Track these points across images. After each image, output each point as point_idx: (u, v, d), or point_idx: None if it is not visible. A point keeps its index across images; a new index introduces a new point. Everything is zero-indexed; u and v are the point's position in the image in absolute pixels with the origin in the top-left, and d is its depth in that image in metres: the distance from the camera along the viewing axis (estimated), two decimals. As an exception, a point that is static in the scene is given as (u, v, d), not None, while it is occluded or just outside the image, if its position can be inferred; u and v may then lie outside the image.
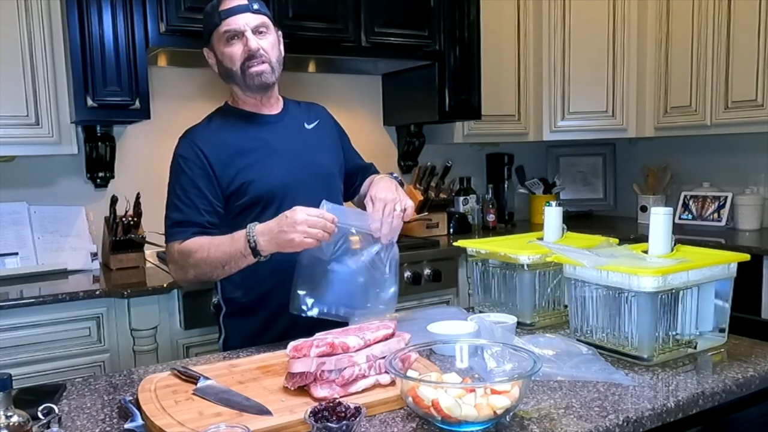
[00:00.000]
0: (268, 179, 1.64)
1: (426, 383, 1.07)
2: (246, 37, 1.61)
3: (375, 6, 2.77)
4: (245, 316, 1.71)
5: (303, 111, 1.82)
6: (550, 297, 1.65)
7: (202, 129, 1.69)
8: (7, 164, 2.62)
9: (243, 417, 1.09)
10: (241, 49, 1.62)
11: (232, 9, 1.61)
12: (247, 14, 1.62)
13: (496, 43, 3.33)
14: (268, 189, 1.64)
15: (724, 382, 1.24)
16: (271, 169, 1.65)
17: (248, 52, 1.61)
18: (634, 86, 3.43)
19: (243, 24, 1.61)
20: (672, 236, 1.45)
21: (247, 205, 1.64)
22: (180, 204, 1.63)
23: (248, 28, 1.61)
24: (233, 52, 1.63)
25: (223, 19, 1.61)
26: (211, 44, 1.68)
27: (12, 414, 0.93)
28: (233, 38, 1.62)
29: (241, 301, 1.70)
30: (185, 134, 1.69)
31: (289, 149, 1.70)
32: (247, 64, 1.62)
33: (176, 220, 1.63)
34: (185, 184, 1.63)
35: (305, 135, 1.76)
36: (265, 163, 1.65)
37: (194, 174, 1.62)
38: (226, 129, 1.67)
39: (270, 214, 1.61)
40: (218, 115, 1.73)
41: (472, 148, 3.70)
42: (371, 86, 3.39)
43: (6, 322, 2.14)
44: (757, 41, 2.90)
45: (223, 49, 1.64)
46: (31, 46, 2.38)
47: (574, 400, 1.17)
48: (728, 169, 3.41)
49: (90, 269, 2.58)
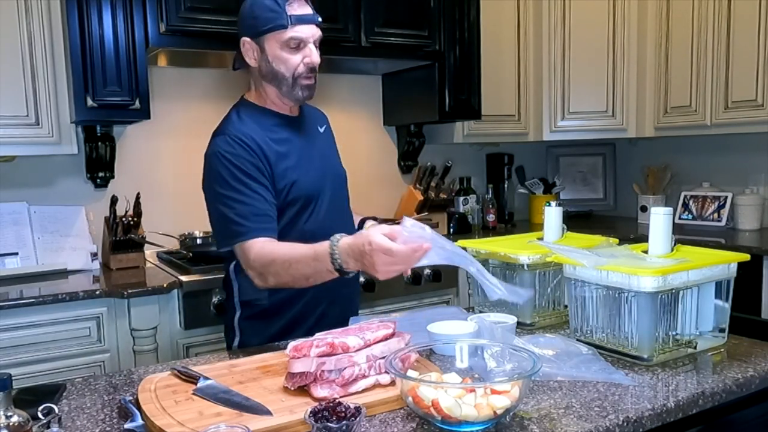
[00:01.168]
0: (307, 181, 1.64)
1: (426, 383, 1.07)
2: (309, 49, 1.59)
3: (375, 6, 2.77)
4: (265, 319, 1.68)
5: (314, 115, 1.82)
6: (550, 297, 1.65)
7: (240, 126, 1.61)
8: (7, 164, 2.62)
9: (243, 417, 1.09)
10: (300, 59, 1.59)
11: (303, 17, 1.57)
12: (314, 26, 1.60)
13: (496, 43, 3.33)
14: (308, 190, 1.64)
15: (724, 382, 1.24)
16: (307, 170, 1.65)
17: (309, 65, 1.60)
18: (634, 86, 3.43)
19: (309, 35, 1.58)
20: (672, 236, 1.45)
21: (287, 204, 1.62)
22: (244, 197, 1.53)
23: (312, 40, 1.59)
24: (291, 59, 1.59)
25: (293, 25, 1.56)
26: (260, 40, 1.60)
27: (12, 414, 0.93)
28: (296, 46, 1.58)
29: (262, 304, 1.67)
30: (223, 131, 1.61)
31: (315, 152, 1.71)
32: (303, 75, 1.60)
33: (242, 214, 1.53)
34: (241, 176, 1.54)
35: (321, 138, 1.78)
36: (302, 164, 1.65)
37: (248, 167, 1.55)
38: (262, 128, 1.62)
39: (306, 215, 1.63)
40: (246, 113, 1.66)
41: (472, 148, 3.70)
42: (371, 86, 3.39)
43: (6, 322, 2.14)
44: (757, 41, 2.90)
45: (281, 53, 1.59)
46: (31, 46, 2.38)
47: (574, 400, 1.17)
48: (728, 169, 3.41)
49: (90, 269, 2.58)
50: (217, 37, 2.46)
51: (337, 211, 1.72)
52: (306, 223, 1.64)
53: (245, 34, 1.63)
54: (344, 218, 1.77)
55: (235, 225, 1.53)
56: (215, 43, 2.49)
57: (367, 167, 3.40)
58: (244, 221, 1.53)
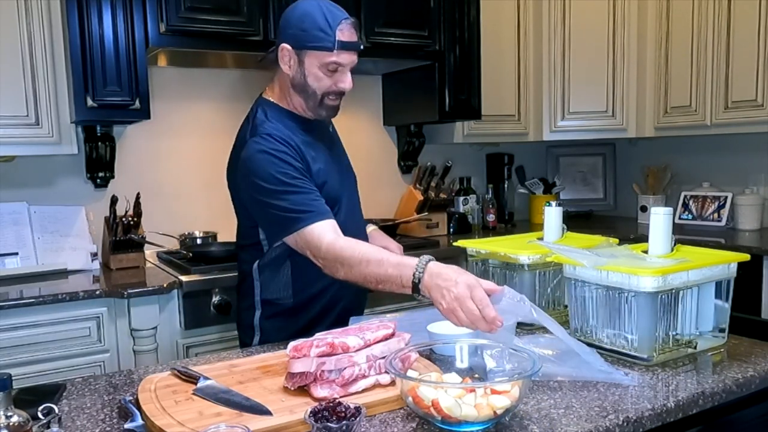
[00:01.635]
0: (333, 183, 1.66)
1: (426, 383, 1.07)
2: (345, 74, 1.60)
3: (375, 6, 2.77)
4: (287, 318, 1.69)
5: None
6: (550, 297, 1.65)
7: (277, 126, 1.61)
8: (7, 164, 2.62)
9: (243, 417, 1.09)
10: (333, 81, 1.60)
11: (349, 44, 1.57)
12: (355, 53, 1.61)
13: (496, 43, 3.33)
14: (336, 192, 1.66)
15: (724, 382, 1.24)
16: (333, 173, 1.67)
17: (339, 89, 1.62)
18: (634, 86, 3.43)
19: (349, 61, 1.60)
20: (672, 236, 1.45)
21: None
22: (297, 189, 1.52)
23: (350, 66, 1.61)
24: (326, 80, 1.60)
25: (338, 51, 1.56)
26: (302, 53, 1.59)
27: (12, 414, 0.93)
28: (332, 69, 1.59)
29: (284, 303, 1.68)
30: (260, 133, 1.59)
31: (334, 154, 1.73)
32: (331, 97, 1.62)
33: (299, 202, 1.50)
34: (289, 170, 1.53)
35: (335, 140, 1.80)
36: (328, 166, 1.67)
37: (294, 164, 1.55)
38: (292, 130, 1.63)
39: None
40: (274, 115, 1.65)
41: (472, 148, 3.70)
42: (371, 86, 3.39)
43: (6, 322, 2.14)
44: (757, 41, 2.90)
45: (318, 72, 1.59)
46: (31, 46, 2.38)
47: (574, 400, 1.17)
48: (728, 169, 3.41)
49: (90, 269, 2.58)
50: (217, 37, 2.47)
51: (353, 213, 1.74)
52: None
53: (287, 41, 1.60)
54: (359, 221, 1.79)
55: (294, 213, 1.51)
56: (215, 43, 2.49)
57: (367, 167, 3.39)
58: (302, 207, 1.51)
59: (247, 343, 1.75)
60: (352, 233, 1.56)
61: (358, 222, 1.76)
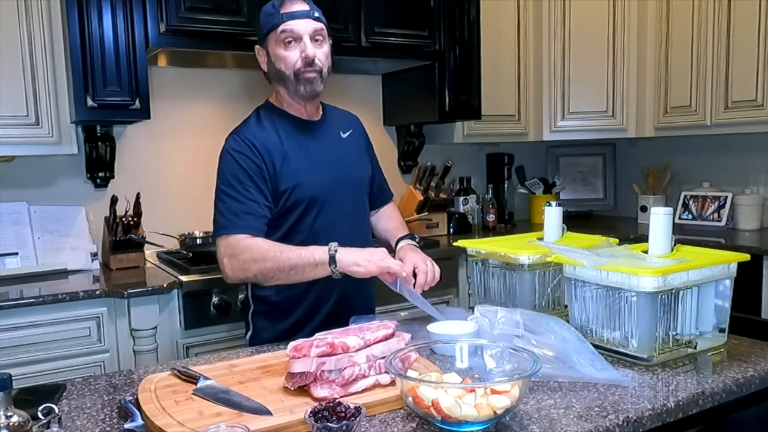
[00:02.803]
0: (312, 184, 1.66)
1: (426, 383, 1.07)
2: (304, 43, 1.61)
3: (375, 6, 2.77)
4: (277, 315, 1.72)
5: (340, 119, 1.84)
6: (550, 297, 1.65)
7: (254, 127, 1.68)
8: (7, 164, 2.61)
9: (243, 417, 1.09)
10: (298, 55, 1.62)
11: (294, 13, 1.60)
12: (308, 20, 1.62)
13: (496, 43, 3.33)
14: (312, 194, 1.66)
15: (724, 382, 1.24)
16: (314, 174, 1.67)
17: (305, 59, 1.61)
18: (634, 86, 3.43)
19: (303, 29, 1.61)
20: (672, 236, 1.45)
21: (290, 208, 1.65)
22: (238, 195, 1.60)
23: (307, 34, 1.61)
24: (289, 56, 1.62)
25: (284, 22, 1.60)
26: (265, 44, 1.67)
27: (12, 414, 0.93)
28: (291, 42, 1.61)
29: (273, 299, 1.71)
30: (237, 131, 1.68)
31: (328, 157, 1.73)
32: (302, 70, 1.62)
33: (235, 211, 1.59)
34: (241, 176, 1.61)
35: (341, 144, 1.79)
36: (310, 167, 1.67)
37: (251, 169, 1.61)
38: (275, 130, 1.67)
39: (309, 219, 1.66)
40: (265, 115, 1.71)
41: (472, 148, 3.70)
42: (371, 86, 3.39)
43: (6, 322, 2.14)
44: (757, 41, 2.90)
45: (279, 51, 1.63)
46: (31, 46, 2.38)
47: (574, 400, 1.17)
48: (728, 169, 3.41)
49: (90, 269, 2.58)
50: (217, 37, 2.47)
51: (350, 216, 1.74)
52: (314, 225, 1.67)
53: (258, 43, 1.70)
54: (357, 224, 1.78)
55: (222, 219, 1.60)
56: (215, 43, 2.49)
57: (367, 167, 3.39)
58: (230, 216, 1.59)
59: (244, 337, 1.82)
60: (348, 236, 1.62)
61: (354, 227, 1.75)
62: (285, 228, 1.66)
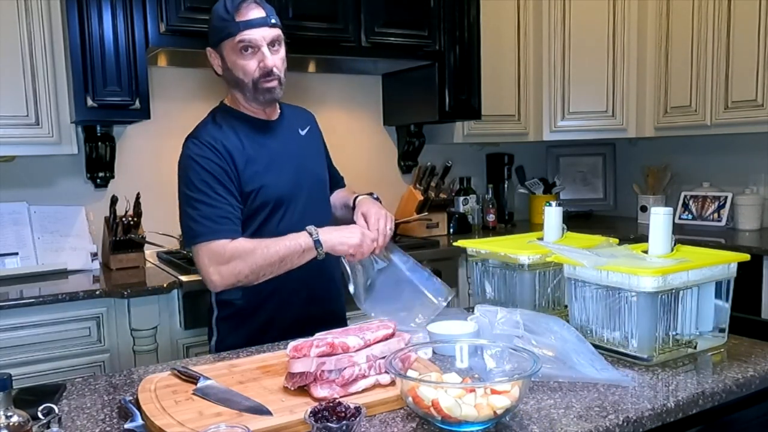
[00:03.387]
0: (278, 184, 1.65)
1: (426, 383, 1.07)
2: (263, 53, 1.59)
3: (375, 6, 2.77)
4: (242, 319, 1.70)
5: (296, 116, 1.82)
6: (550, 297, 1.65)
7: (214, 131, 1.64)
8: (7, 164, 2.62)
9: (243, 417, 1.09)
10: (256, 64, 1.59)
11: (251, 21, 1.57)
12: (265, 28, 1.59)
13: (496, 43, 3.33)
14: (278, 194, 1.65)
15: (724, 382, 1.24)
16: (278, 174, 1.66)
17: (264, 69, 1.59)
18: (634, 86, 3.43)
19: (260, 38, 1.58)
20: (672, 236, 1.45)
21: (256, 209, 1.64)
22: (210, 200, 1.57)
23: (265, 43, 1.59)
24: (247, 65, 1.60)
25: (242, 30, 1.57)
26: (219, 48, 1.63)
27: (12, 414, 0.93)
28: (248, 50, 1.59)
29: (238, 303, 1.69)
30: (195, 135, 1.64)
31: (290, 155, 1.71)
32: (261, 80, 1.60)
33: (211, 216, 1.56)
34: (209, 180, 1.57)
35: (301, 141, 1.77)
36: (273, 168, 1.66)
37: (217, 173, 1.58)
38: (235, 132, 1.65)
39: (275, 220, 1.65)
40: (222, 117, 1.68)
41: (472, 148, 3.70)
42: (371, 86, 3.39)
43: (6, 322, 2.14)
44: (757, 41, 2.90)
45: (237, 60, 1.60)
46: (31, 46, 2.38)
47: (574, 400, 1.17)
48: (728, 169, 3.41)
49: (90, 269, 2.58)
50: (217, 37, 2.46)
51: (313, 214, 1.72)
52: (279, 226, 1.65)
53: (209, 44, 1.67)
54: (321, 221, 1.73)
55: (198, 225, 1.56)
56: (215, 43, 2.48)
57: (367, 167, 3.40)
58: (207, 222, 1.56)
59: (209, 343, 1.78)
60: None
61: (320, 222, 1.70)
62: (251, 230, 1.63)
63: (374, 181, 3.40)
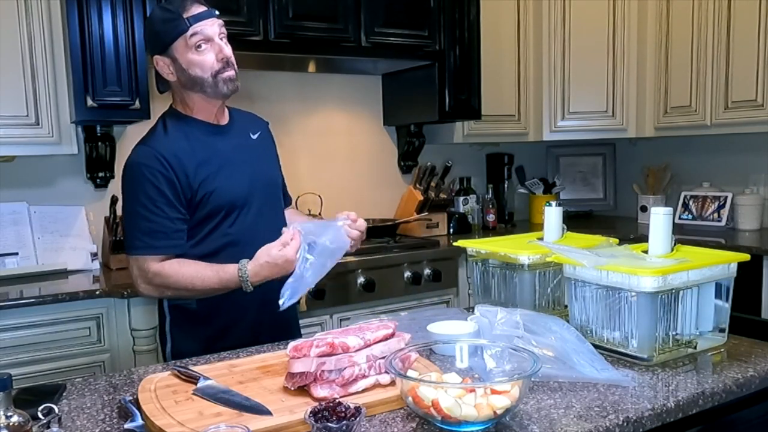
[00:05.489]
0: (229, 189, 1.64)
1: (426, 383, 1.07)
2: (218, 44, 1.59)
3: (375, 6, 2.77)
4: (195, 325, 1.68)
5: (247, 121, 1.81)
6: (550, 297, 1.65)
7: (161, 138, 1.63)
8: (7, 164, 2.61)
9: (243, 417, 1.09)
10: (214, 56, 1.58)
11: (199, 15, 1.57)
12: (213, 19, 1.59)
13: (496, 43, 3.33)
14: (230, 199, 1.64)
15: (724, 382, 1.24)
16: (229, 179, 1.64)
17: (223, 60, 1.59)
18: (634, 86, 3.43)
19: (212, 31, 1.58)
20: (672, 236, 1.45)
21: (209, 214, 1.63)
22: (148, 213, 1.57)
23: (216, 35, 1.59)
24: (205, 60, 1.58)
25: (192, 25, 1.56)
26: (169, 52, 1.59)
27: (12, 414, 0.93)
28: (202, 45, 1.57)
29: (191, 308, 1.67)
30: (143, 143, 1.64)
31: (242, 159, 1.69)
32: (222, 71, 1.59)
33: (145, 230, 1.57)
34: (151, 193, 1.57)
35: (252, 145, 1.76)
36: (224, 173, 1.64)
37: (160, 182, 1.57)
38: (184, 138, 1.63)
39: (227, 224, 1.64)
40: (172, 123, 1.66)
41: (472, 148, 3.70)
42: (371, 86, 3.39)
43: (6, 322, 2.14)
44: (757, 41, 2.90)
45: (191, 57, 1.58)
46: (31, 46, 2.38)
47: (574, 400, 1.17)
48: (728, 169, 3.41)
49: (90, 269, 2.58)
50: (217, 37, 2.46)
51: (267, 217, 1.71)
52: (231, 228, 1.64)
53: (154, 53, 1.63)
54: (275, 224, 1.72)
55: (134, 239, 1.58)
56: (215, 43, 2.48)
57: (367, 167, 3.40)
58: (143, 237, 1.57)
59: (164, 351, 1.76)
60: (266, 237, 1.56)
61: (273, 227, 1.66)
62: (201, 235, 1.63)
63: (374, 181, 3.40)
